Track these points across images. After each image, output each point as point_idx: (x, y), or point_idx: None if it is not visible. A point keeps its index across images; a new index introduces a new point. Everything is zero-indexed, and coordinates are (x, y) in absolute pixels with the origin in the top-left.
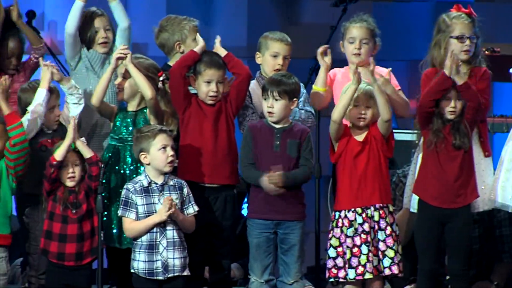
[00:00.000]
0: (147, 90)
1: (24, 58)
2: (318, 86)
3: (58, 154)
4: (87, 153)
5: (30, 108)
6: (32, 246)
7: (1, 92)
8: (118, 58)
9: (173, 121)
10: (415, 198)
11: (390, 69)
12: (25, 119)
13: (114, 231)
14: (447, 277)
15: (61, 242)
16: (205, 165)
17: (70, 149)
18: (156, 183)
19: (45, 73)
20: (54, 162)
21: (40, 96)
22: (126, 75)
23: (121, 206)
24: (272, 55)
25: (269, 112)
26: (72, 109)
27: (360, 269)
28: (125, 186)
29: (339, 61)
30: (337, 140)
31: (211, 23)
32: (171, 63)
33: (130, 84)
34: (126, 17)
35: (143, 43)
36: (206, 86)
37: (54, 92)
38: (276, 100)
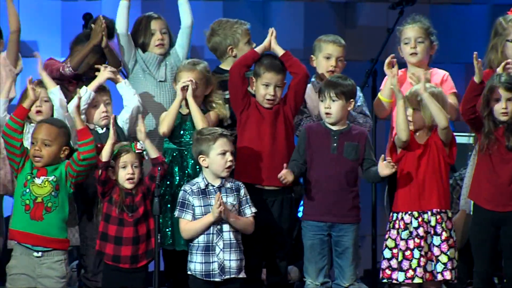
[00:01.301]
0: (200, 124)
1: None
2: (384, 96)
3: (103, 155)
4: (154, 153)
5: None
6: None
7: (77, 106)
8: (183, 89)
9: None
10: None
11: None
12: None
13: None
14: (505, 280)
15: (117, 244)
16: (263, 168)
17: (114, 148)
18: (213, 185)
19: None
20: (100, 164)
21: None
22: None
23: (178, 207)
24: (325, 57)
25: (327, 113)
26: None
27: (410, 272)
28: (182, 188)
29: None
30: (401, 148)
31: (268, 27)
32: (223, 66)
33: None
34: (190, 14)
35: (199, 46)
36: (264, 89)
37: (100, 90)
38: (334, 101)
